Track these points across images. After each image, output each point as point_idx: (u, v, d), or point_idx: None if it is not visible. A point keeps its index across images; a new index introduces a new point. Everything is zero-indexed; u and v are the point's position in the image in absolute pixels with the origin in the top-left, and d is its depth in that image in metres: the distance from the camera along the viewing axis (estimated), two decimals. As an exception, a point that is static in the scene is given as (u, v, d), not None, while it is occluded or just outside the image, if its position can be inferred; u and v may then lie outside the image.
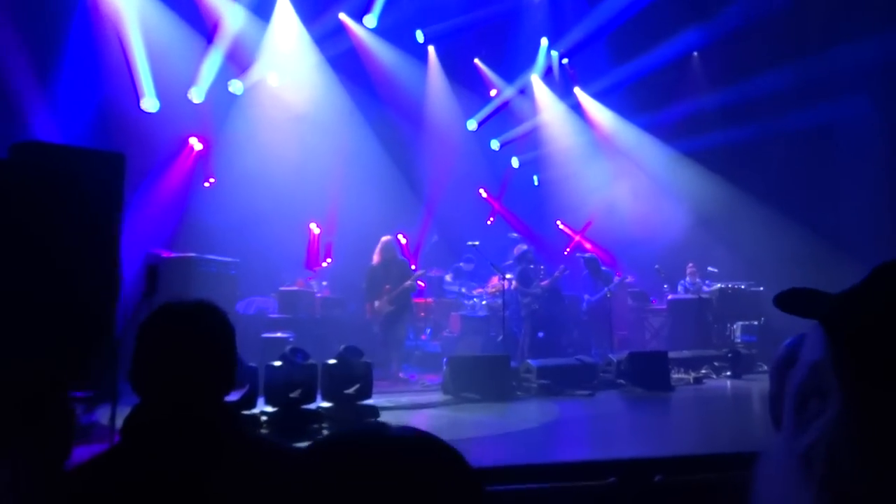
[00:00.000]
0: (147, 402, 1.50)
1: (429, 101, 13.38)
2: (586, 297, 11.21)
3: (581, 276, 11.45)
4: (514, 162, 14.93)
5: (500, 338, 10.06)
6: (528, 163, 14.97)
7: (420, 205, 13.14)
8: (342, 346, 6.20)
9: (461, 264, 12.12)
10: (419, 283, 10.71)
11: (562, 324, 10.75)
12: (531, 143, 14.73)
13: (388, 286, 9.42)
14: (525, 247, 10.58)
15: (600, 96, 14.57)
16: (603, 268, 11.40)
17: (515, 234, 12.83)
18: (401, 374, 9.26)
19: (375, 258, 9.45)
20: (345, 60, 11.97)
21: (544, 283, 10.37)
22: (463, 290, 11.87)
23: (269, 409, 5.45)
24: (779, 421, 1.38)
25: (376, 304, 9.50)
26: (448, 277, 10.29)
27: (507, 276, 10.63)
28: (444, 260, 12.27)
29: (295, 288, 10.30)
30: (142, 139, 9.02)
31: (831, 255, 11.17)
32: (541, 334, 10.26)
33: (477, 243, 9.58)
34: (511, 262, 11.79)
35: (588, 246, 14.47)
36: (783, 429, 0.74)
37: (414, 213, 12.94)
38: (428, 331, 11.41)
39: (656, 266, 12.33)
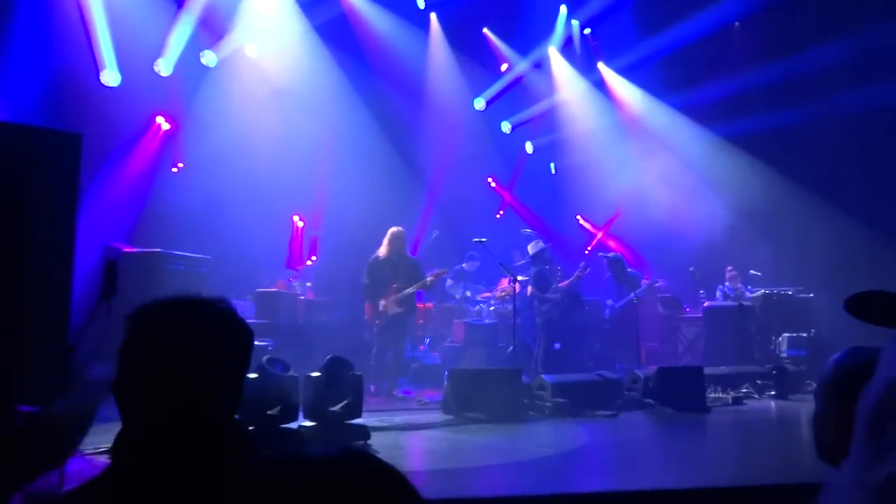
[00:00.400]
0: (141, 419, 1.45)
1: (430, 76, 13.37)
2: (609, 302, 11.23)
3: (604, 279, 11.46)
4: (528, 147, 14.95)
5: (510, 349, 10.05)
6: (544, 148, 14.98)
7: (419, 195, 13.15)
8: (328, 357, 6.20)
9: (464, 265, 12.14)
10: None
11: (581, 334, 10.80)
12: (547, 125, 14.73)
13: (396, 284, 9.38)
14: (542, 244, 10.58)
15: (627, 72, 14.54)
16: (629, 269, 11.40)
17: (529, 230, 12.82)
18: (396, 392, 9.27)
19: (382, 251, 9.42)
20: (334, 28, 11.96)
21: (563, 284, 10.37)
22: (467, 293, 11.88)
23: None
24: (829, 448, 1.39)
25: (382, 303, 9.40)
26: (429, 279, 10.38)
27: (519, 277, 10.65)
28: (446, 259, 12.20)
29: (274, 289, 10.34)
30: (101, 117, 9.00)
31: (894, 256, 11.14)
32: (557, 345, 10.27)
33: (484, 240, 9.54)
34: (524, 261, 11.80)
35: (612, 244, 14.49)
36: (851, 457, 0.72)
37: (412, 204, 12.95)
38: (427, 340, 11.42)
39: (691, 268, 12.32)
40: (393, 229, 9.54)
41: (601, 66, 14.82)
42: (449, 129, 13.13)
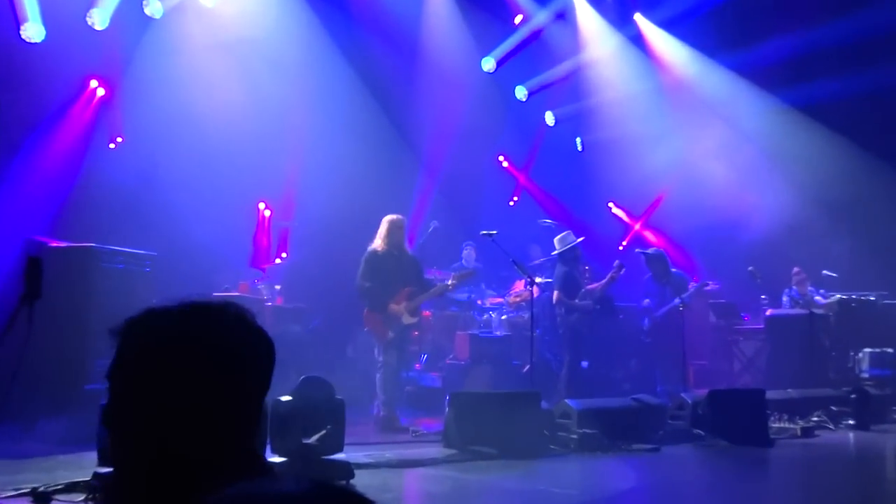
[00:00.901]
0: (142, 454, 1.46)
1: (428, 29, 13.37)
2: (646, 302, 11.24)
3: (642, 281, 11.49)
4: (549, 118, 14.98)
5: (527, 367, 10.05)
6: (568, 119, 15.00)
7: (414, 177, 13.17)
8: (302, 377, 6.22)
9: (463, 256, 12.13)
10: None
11: (615, 348, 10.69)
12: (572, 91, 14.73)
13: (408, 288, 9.48)
14: (574, 237, 10.56)
15: (671, 25, 14.51)
16: (673, 269, 11.43)
17: (549, 221, 12.82)
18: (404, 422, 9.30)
19: (379, 244, 9.39)
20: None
21: (593, 287, 10.36)
22: (477, 300, 11.90)
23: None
24: None
25: (393, 307, 9.39)
26: (451, 282, 10.36)
27: (538, 279, 10.65)
28: (447, 255, 12.34)
29: (235, 293, 10.32)
30: (21, 80, 9.01)
31: None
32: (585, 364, 10.27)
33: (494, 233, 9.51)
34: (543, 259, 11.79)
35: (652, 238, 14.52)
36: None
37: (406, 188, 12.96)
38: (423, 357, 11.46)
39: (750, 268, 12.27)
40: (391, 217, 9.53)
41: (639, 17, 14.79)
42: (451, 96, 13.11)
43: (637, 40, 14.79)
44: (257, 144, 11.09)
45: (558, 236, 10.55)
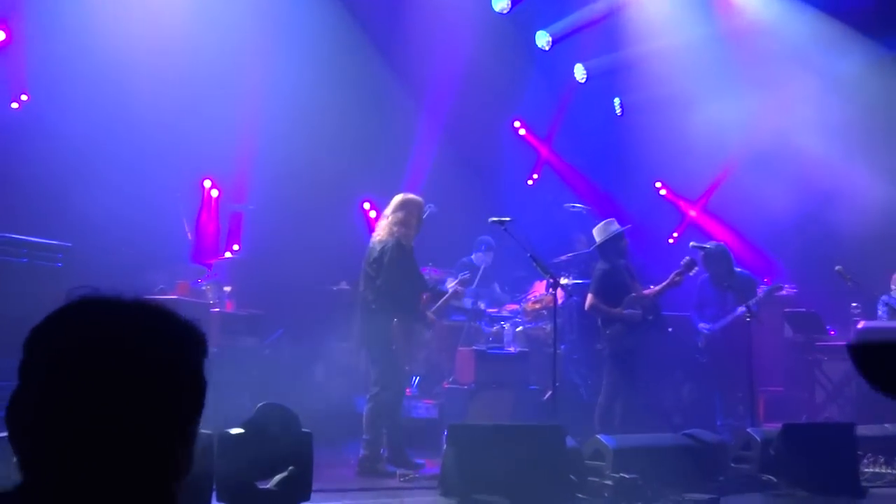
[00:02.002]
0: (42, 475, 1.52)
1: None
2: (703, 326, 11.27)
3: (696, 284, 11.51)
4: (579, 73, 15.02)
5: (548, 394, 10.08)
6: (604, 75, 15.04)
7: (406, 148, 13.26)
8: (259, 405, 6.24)
9: (473, 257, 12.18)
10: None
11: (662, 370, 10.78)
12: (608, 38, 14.71)
13: (426, 293, 9.74)
14: (617, 225, 10.57)
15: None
16: (738, 269, 11.45)
17: (579, 206, 12.87)
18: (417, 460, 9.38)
19: (405, 232, 9.43)
20: None
21: (650, 291, 10.38)
22: (480, 305, 11.95)
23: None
24: None
25: (431, 316, 9.79)
26: (451, 283, 10.25)
27: (563, 280, 10.68)
28: (445, 248, 12.38)
29: (172, 296, 10.24)
30: None
31: None
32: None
33: (507, 220, 9.50)
34: (572, 255, 11.84)
35: (711, 228, 14.56)
36: None
37: (395, 162, 13.01)
38: (414, 380, 11.51)
39: (838, 267, 12.23)
40: (415, 198, 9.67)
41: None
42: (453, 44, 13.11)
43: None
44: (201, 104, 11.11)
45: (598, 225, 10.57)
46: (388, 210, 9.52)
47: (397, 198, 9.59)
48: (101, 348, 1.55)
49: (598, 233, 10.46)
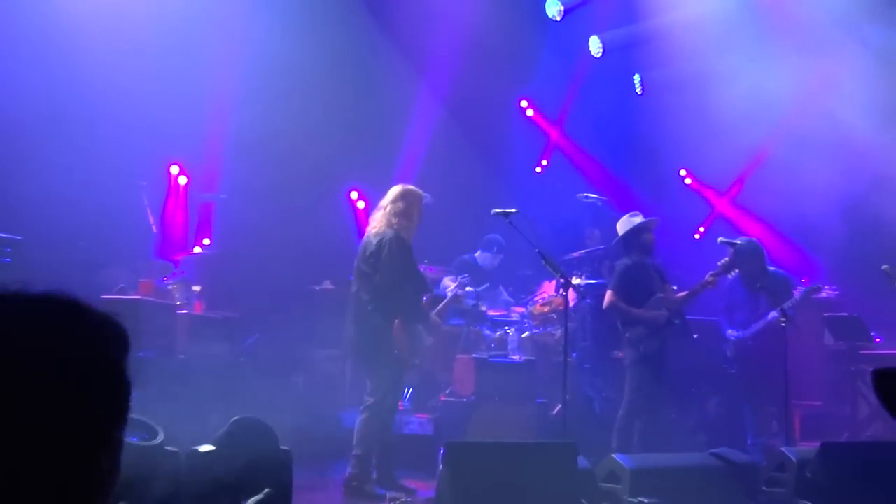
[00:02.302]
0: None
1: None
2: (731, 333, 11.19)
3: (726, 285, 11.44)
4: (594, 46, 15.03)
5: (558, 408, 10.04)
6: (621, 49, 15.08)
7: (400, 131, 13.28)
8: (233, 419, 6.26)
9: (476, 255, 12.19)
10: None
11: (686, 382, 10.79)
12: (626, 8, 14.82)
13: (426, 296, 9.96)
14: (641, 217, 10.57)
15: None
16: (771, 268, 11.39)
17: (593, 196, 12.84)
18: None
19: (405, 225, 9.44)
20: None
21: (682, 295, 10.35)
22: (482, 307, 11.95)
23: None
24: None
25: (436, 318, 10.02)
26: (448, 282, 10.14)
27: (575, 280, 10.66)
28: (442, 246, 12.35)
29: (135, 296, 10.22)
30: None
31: None
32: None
33: (512, 212, 9.40)
34: (583, 253, 11.82)
35: (742, 222, 14.44)
36: None
37: (386, 146, 13.07)
38: (407, 392, 11.43)
39: (884, 266, 12.04)
40: (416, 190, 9.71)
41: None
42: (454, 12, 13.14)
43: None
44: (168, 78, 11.10)
45: (622, 218, 10.64)
46: (386, 200, 9.53)
47: (396, 188, 9.61)
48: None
49: (621, 226, 10.57)
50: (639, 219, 10.52)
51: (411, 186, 9.70)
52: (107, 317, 1.68)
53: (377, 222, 9.46)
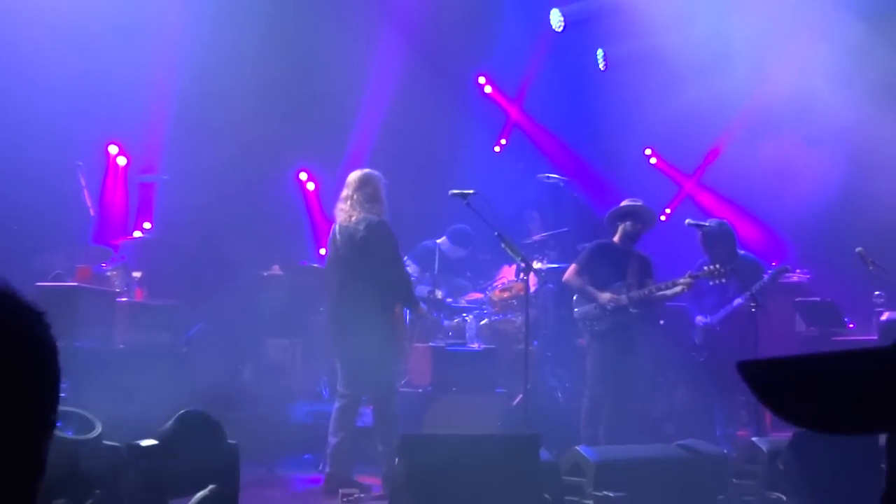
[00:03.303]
0: None
1: None
2: (700, 319, 11.30)
3: (695, 267, 11.36)
4: (555, 19, 15.04)
5: (519, 398, 10.13)
6: (584, 21, 15.03)
7: (351, 108, 13.30)
8: (180, 412, 6.18)
9: (438, 242, 12.24)
10: None
11: (652, 370, 10.78)
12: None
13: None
14: (627, 202, 10.67)
15: None
16: (741, 252, 11.47)
17: (554, 177, 12.75)
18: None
19: (381, 211, 9.66)
20: None
21: (679, 287, 10.40)
22: (438, 294, 12.01)
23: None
24: None
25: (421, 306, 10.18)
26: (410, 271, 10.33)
27: (536, 265, 10.80)
28: (398, 230, 12.18)
29: (71, 283, 10.27)
30: None
31: None
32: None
33: (470, 193, 9.51)
34: (545, 235, 11.87)
35: (710, 204, 14.59)
36: None
37: (336, 124, 13.13)
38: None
39: (858, 249, 12.23)
40: (374, 172, 9.82)
41: None
42: None
43: None
44: (105, 51, 11.05)
45: (619, 215, 10.72)
46: (350, 189, 9.64)
47: (356, 175, 9.73)
48: None
49: (626, 208, 10.72)
50: (639, 202, 10.66)
51: (369, 170, 9.81)
52: (25, 301, 1.68)
53: (351, 211, 9.55)
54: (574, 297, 10.49)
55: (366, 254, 9.36)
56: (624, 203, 10.65)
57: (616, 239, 10.60)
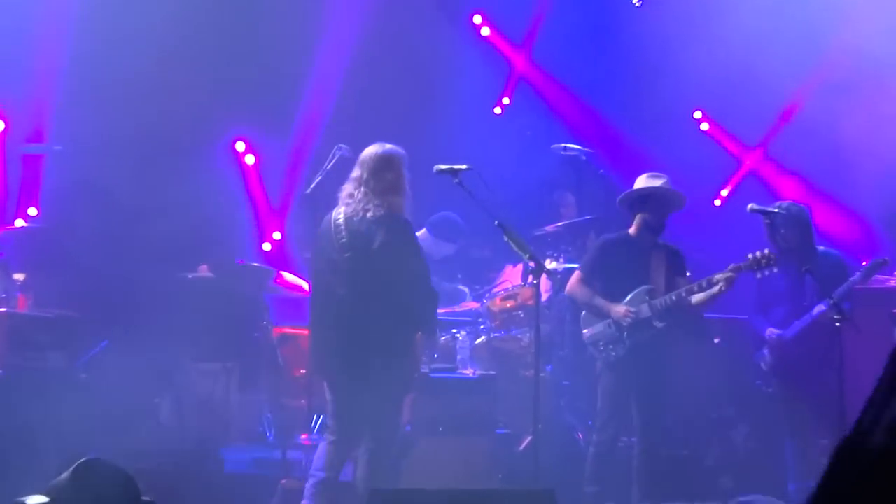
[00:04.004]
0: None
1: None
2: (771, 331, 11.20)
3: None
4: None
5: (527, 441, 10.36)
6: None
7: (304, 57, 13.43)
8: (76, 464, 6.01)
9: (422, 233, 12.23)
10: None
11: (700, 405, 10.84)
12: None
13: None
14: (659, 182, 10.61)
15: None
16: (821, 248, 11.45)
17: (576, 147, 12.93)
18: None
19: (404, 201, 9.69)
20: None
21: (718, 286, 10.26)
22: None
23: None
24: None
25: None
26: None
27: (550, 264, 10.96)
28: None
29: None
30: None
31: None
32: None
33: (463, 169, 9.52)
34: (559, 226, 11.96)
35: (780, 183, 14.66)
36: None
37: (284, 79, 13.30)
38: (316, 419, 11.71)
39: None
40: (397, 151, 9.84)
41: None
42: None
43: None
44: None
45: (640, 178, 10.70)
46: (365, 172, 9.59)
47: (375, 152, 9.66)
48: None
49: (644, 182, 10.65)
50: (659, 181, 10.53)
51: (392, 148, 9.72)
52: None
53: (365, 203, 9.47)
54: (582, 314, 10.48)
55: (385, 264, 9.34)
56: (640, 183, 10.57)
57: (632, 231, 10.55)
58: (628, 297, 10.33)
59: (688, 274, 10.71)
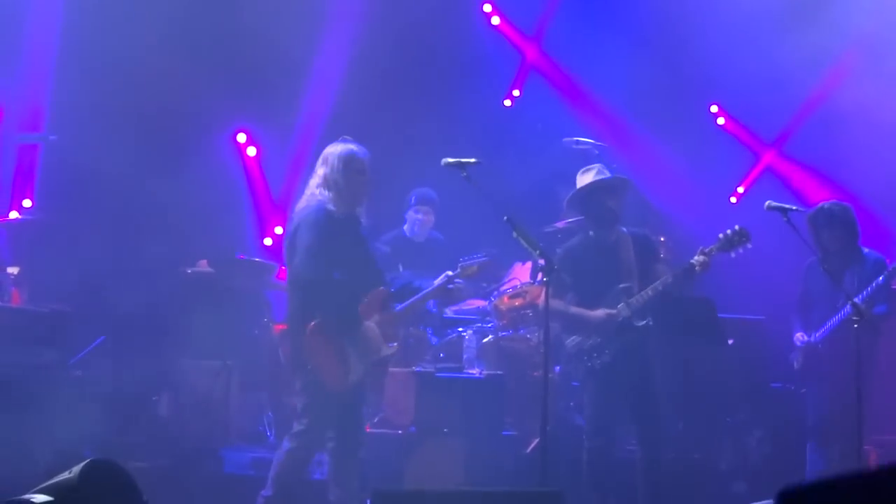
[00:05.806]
0: None
1: None
2: (799, 336, 11.25)
3: (802, 271, 11.55)
4: None
5: (534, 443, 10.37)
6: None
7: (308, 46, 13.43)
8: (85, 463, 6.16)
9: (406, 224, 12.48)
10: None
11: (715, 410, 10.86)
12: None
13: (379, 286, 10.16)
14: (590, 176, 10.57)
15: None
16: (864, 248, 11.46)
17: (587, 141, 12.82)
18: None
19: (334, 197, 9.74)
20: None
21: (695, 268, 10.24)
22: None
23: None
24: None
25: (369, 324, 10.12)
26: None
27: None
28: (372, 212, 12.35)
29: None
30: None
31: None
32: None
33: (472, 163, 9.51)
34: (569, 222, 11.92)
35: (801, 181, 14.64)
36: None
37: (287, 72, 13.37)
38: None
39: None
40: (353, 149, 9.94)
41: None
42: None
43: None
44: None
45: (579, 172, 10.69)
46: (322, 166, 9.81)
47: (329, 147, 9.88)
48: None
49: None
50: (590, 176, 10.50)
51: (339, 144, 9.84)
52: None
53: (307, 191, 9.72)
54: (561, 328, 10.48)
55: (290, 260, 9.57)
56: (578, 182, 10.53)
57: (592, 232, 10.56)
58: (605, 301, 10.34)
59: (661, 255, 10.79)
